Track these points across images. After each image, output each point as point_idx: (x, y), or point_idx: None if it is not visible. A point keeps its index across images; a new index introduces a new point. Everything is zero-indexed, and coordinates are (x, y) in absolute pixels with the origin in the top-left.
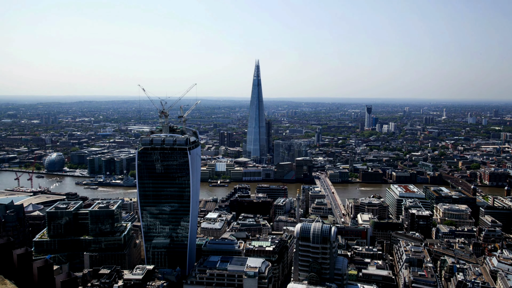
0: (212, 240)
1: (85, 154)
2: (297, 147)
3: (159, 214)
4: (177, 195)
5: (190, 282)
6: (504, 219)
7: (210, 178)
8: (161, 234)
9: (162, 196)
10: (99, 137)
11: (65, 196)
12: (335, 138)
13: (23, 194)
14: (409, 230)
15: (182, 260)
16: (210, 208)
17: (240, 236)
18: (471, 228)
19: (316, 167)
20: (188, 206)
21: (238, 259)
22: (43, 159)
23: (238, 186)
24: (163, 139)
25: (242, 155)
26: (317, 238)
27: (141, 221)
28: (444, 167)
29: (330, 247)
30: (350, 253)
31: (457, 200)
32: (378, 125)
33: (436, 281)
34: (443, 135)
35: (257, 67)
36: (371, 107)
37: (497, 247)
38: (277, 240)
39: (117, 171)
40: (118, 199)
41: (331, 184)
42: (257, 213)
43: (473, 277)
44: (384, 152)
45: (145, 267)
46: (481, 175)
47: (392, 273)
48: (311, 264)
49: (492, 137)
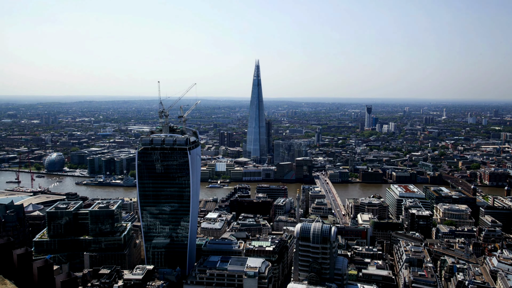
0: (212, 240)
1: (85, 154)
2: (297, 147)
3: (159, 214)
4: (177, 195)
5: (190, 282)
6: (504, 219)
7: (210, 178)
8: (161, 234)
9: (162, 196)
10: (99, 137)
11: (65, 196)
12: (335, 138)
13: (23, 194)
14: (409, 230)
15: (182, 260)
16: (210, 208)
17: (240, 236)
18: (471, 228)
19: (316, 167)
20: (188, 206)
21: (238, 259)
22: (43, 159)
23: (238, 186)
24: (163, 139)
25: (242, 155)
26: (317, 238)
27: (141, 221)
28: (444, 167)
29: (330, 247)
30: (350, 253)
31: (457, 200)
32: (378, 125)
33: (436, 281)
34: (443, 135)
35: (257, 67)
36: (371, 107)
37: (497, 247)
38: (277, 240)
39: (117, 171)
40: (118, 199)
41: (331, 184)
42: (257, 213)
43: (473, 277)
44: (384, 152)
45: (145, 267)
46: (481, 175)
47: (392, 273)
48: (311, 264)
49: (492, 137)
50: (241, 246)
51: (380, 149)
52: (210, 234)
